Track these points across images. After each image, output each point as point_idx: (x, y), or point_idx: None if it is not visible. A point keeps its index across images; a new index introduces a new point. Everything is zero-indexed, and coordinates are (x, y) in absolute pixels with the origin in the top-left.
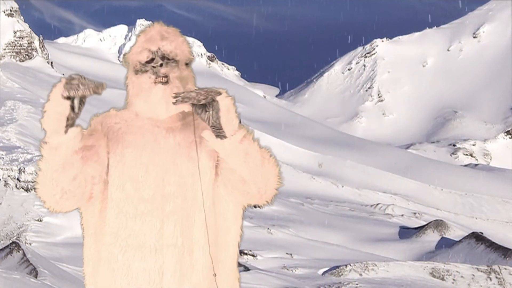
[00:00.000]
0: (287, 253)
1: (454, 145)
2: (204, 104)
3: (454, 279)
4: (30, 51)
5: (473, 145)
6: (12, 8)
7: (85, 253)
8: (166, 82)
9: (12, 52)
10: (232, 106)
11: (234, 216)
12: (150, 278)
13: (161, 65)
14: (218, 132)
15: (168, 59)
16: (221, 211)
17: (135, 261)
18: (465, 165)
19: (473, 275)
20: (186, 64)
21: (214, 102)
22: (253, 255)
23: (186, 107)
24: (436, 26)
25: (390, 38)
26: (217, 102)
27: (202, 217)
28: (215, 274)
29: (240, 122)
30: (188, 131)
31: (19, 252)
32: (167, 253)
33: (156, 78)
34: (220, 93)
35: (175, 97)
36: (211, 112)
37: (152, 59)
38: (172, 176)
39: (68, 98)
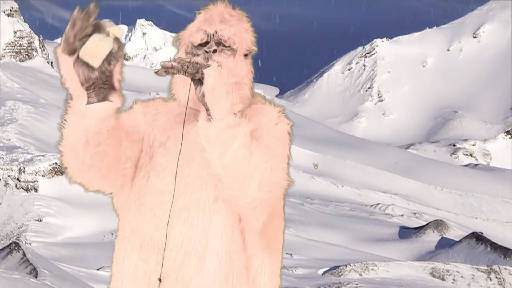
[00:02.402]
0: (287, 253)
1: (454, 145)
2: (199, 79)
3: (454, 279)
4: (30, 51)
5: (473, 145)
6: (12, 8)
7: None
8: None
9: (12, 52)
10: (221, 82)
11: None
12: (149, 282)
13: (214, 51)
14: (207, 113)
15: (224, 45)
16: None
17: (139, 261)
18: (465, 165)
19: (473, 275)
20: (245, 55)
21: (207, 76)
22: None
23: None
24: (436, 26)
25: (390, 38)
26: (203, 75)
27: (220, 217)
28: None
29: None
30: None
31: (19, 252)
32: (171, 256)
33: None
34: (208, 66)
35: (161, 66)
36: (202, 88)
37: (207, 43)
38: (194, 168)
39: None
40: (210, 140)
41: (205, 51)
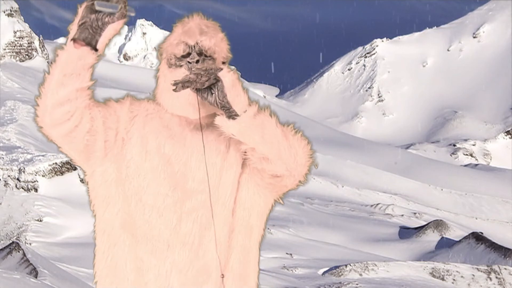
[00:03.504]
0: (287, 253)
1: (454, 145)
2: (209, 86)
3: (454, 279)
4: (30, 51)
5: (473, 145)
6: (12, 8)
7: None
8: None
9: (12, 52)
10: (236, 80)
11: (258, 215)
12: (159, 274)
13: (197, 61)
14: (229, 112)
15: (206, 55)
16: (246, 207)
17: (146, 254)
18: (465, 165)
19: (473, 275)
20: (223, 62)
21: (218, 81)
22: None
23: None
24: (436, 26)
25: (390, 38)
26: (221, 80)
27: (224, 215)
28: (222, 275)
29: (249, 98)
30: (214, 127)
31: (19, 252)
32: (180, 252)
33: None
34: (221, 69)
35: (174, 84)
36: (217, 92)
37: (189, 54)
38: (197, 172)
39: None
40: (245, 132)
41: (188, 61)
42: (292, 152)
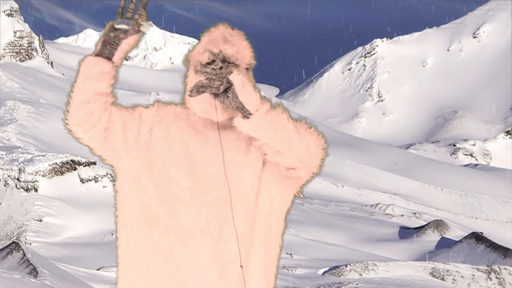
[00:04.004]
0: (287, 253)
1: (454, 145)
2: (225, 90)
3: (454, 279)
4: (30, 51)
5: (473, 145)
6: (12, 8)
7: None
8: None
9: (12, 52)
10: (246, 81)
11: (279, 210)
12: (181, 263)
13: (221, 68)
14: (243, 112)
15: (229, 62)
16: (266, 202)
17: (169, 244)
18: (465, 165)
19: (473, 275)
20: (247, 69)
21: (232, 84)
22: None
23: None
24: (436, 26)
25: (390, 38)
26: (230, 83)
27: (244, 209)
28: (241, 266)
29: (261, 96)
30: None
31: (19, 252)
32: (202, 242)
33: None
34: (231, 72)
35: (190, 90)
36: (231, 95)
37: (213, 61)
38: (217, 167)
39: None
40: (259, 129)
41: (213, 68)
42: (303, 144)
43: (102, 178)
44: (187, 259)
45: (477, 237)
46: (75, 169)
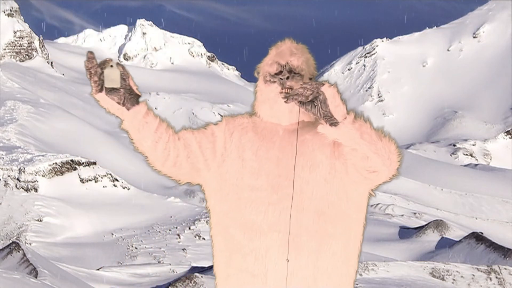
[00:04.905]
0: None
1: (454, 145)
2: (311, 100)
3: (454, 279)
4: (30, 51)
5: (473, 145)
6: (12, 8)
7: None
8: None
9: (12, 52)
10: (336, 93)
11: (357, 208)
12: (255, 259)
13: (287, 78)
14: (331, 120)
15: (295, 73)
16: (342, 200)
17: (246, 243)
18: (465, 165)
19: (473, 275)
20: (310, 78)
21: (320, 95)
22: None
23: (306, 117)
24: (436, 26)
25: (390, 38)
26: (323, 93)
27: (312, 206)
28: (287, 260)
29: (347, 107)
30: (302, 131)
31: (19, 252)
32: (271, 238)
33: (282, 89)
34: (323, 85)
35: (285, 96)
36: (319, 104)
37: (280, 72)
38: (283, 169)
39: (101, 90)
40: (346, 136)
41: (280, 78)
42: (386, 150)
43: (102, 178)
44: (262, 253)
45: (477, 237)
46: (75, 169)
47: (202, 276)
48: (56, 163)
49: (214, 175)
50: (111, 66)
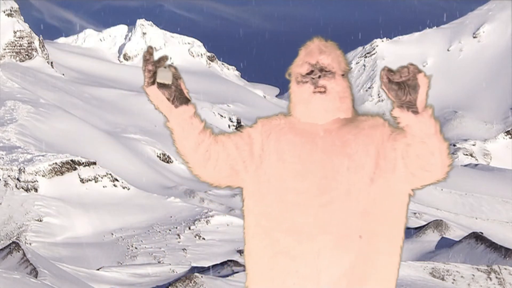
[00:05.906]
0: None
1: (454, 145)
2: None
3: (454, 279)
4: (30, 51)
5: (473, 145)
6: (12, 8)
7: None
8: (324, 92)
9: (12, 52)
10: (427, 86)
11: (400, 206)
12: (306, 262)
13: (319, 76)
14: (412, 107)
15: (326, 71)
16: (387, 199)
17: (295, 245)
18: (465, 165)
19: (473, 275)
20: (342, 75)
21: (415, 80)
22: None
23: (342, 114)
24: (436, 26)
25: (390, 38)
26: (417, 80)
27: (359, 207)
28: (361, 237)
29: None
30: (343, 131)
31: (19, 252)
32: (322, 240)
33: (315, 88)
34: (420, 72)
35: (384, 75)
36: (408, 88)
37: (312, 71)
38: (329, 171)
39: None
40: (423, 125)
41: (312, 77)
42: (444, 153)
43: (102, 178)
44: (312, 255)
45: (477, 237)
46: (75, 169)
47: (202, 276)
48: (56, 163)
49: (252, 176)
50: (166, 65)
